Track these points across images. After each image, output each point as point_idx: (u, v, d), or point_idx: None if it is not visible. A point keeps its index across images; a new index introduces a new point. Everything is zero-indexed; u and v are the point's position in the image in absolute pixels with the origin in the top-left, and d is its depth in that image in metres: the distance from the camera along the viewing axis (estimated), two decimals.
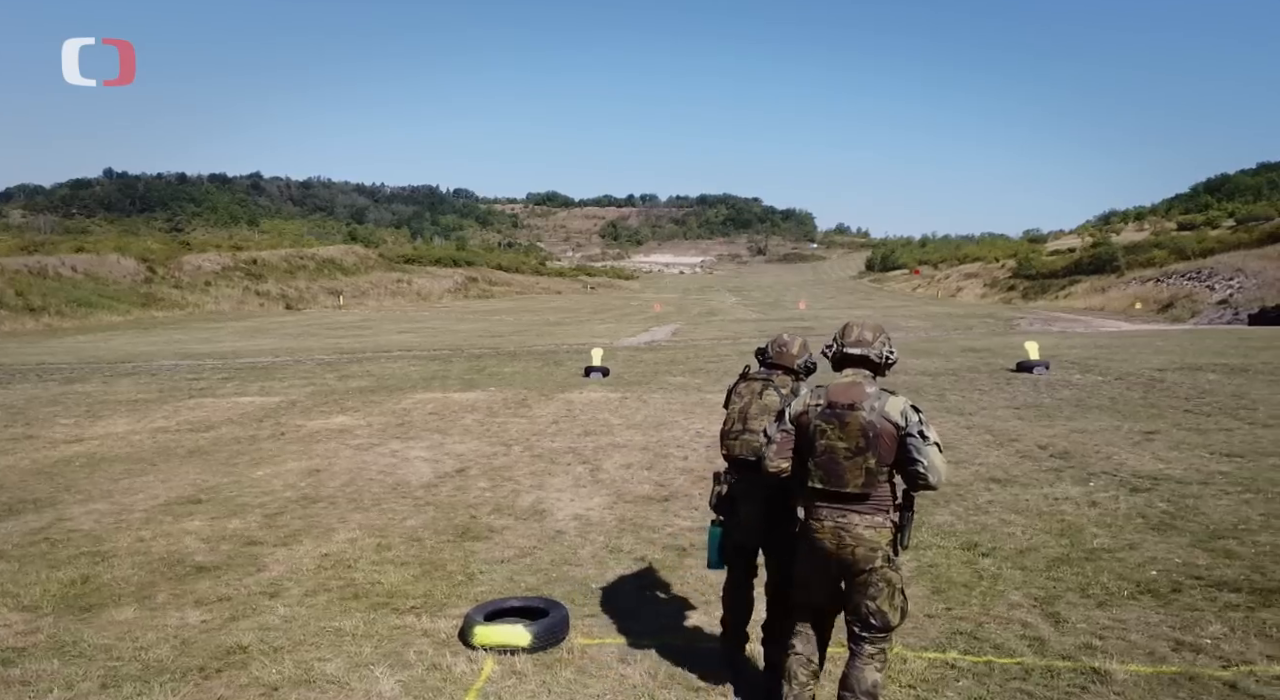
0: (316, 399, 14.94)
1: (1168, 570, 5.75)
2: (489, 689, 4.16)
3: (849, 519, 3.45)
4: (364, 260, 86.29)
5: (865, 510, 3.44)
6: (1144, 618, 4.96)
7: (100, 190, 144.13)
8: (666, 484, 8.53)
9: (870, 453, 3.39)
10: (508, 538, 6.73)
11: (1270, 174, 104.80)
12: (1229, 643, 4.60)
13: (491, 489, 8.34)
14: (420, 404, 14.11)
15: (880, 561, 3.44)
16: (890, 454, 3.40)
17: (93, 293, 50.46)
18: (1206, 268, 51.93)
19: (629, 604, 5.33)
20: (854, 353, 3.63)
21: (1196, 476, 8.27)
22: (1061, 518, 7.05)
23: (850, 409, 3.44)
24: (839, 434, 3.43)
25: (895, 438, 3.39)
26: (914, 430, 3.36)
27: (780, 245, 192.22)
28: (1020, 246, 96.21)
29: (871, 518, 3.44)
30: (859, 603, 3.50)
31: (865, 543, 3.43)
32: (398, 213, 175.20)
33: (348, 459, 9.72)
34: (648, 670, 4.35)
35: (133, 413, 13.45)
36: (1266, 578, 5.55)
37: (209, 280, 62.56)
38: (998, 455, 9.56)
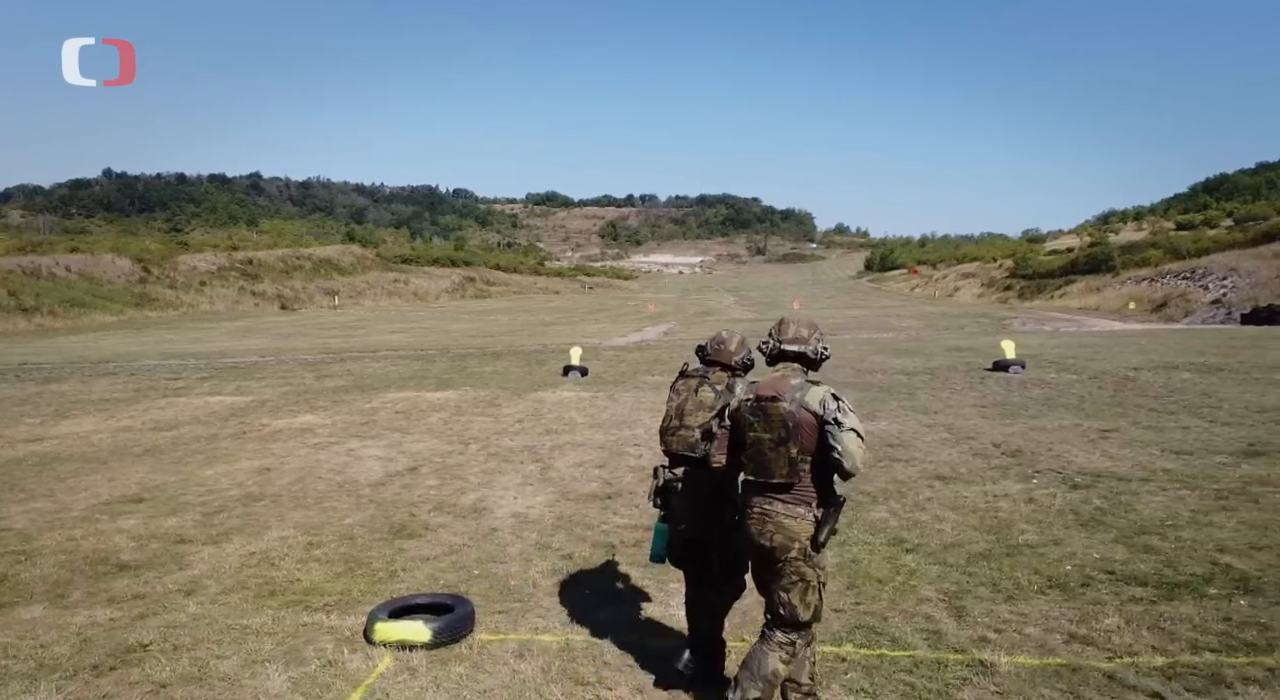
0: (288, 398, 14.97)
1: (1083, 565, 5.79)
2: (380, 685, 4.18)
3: (773, 507, 3.52)
4: (361, 260, 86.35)
5: (789, 500, 3.50)
6: (1046, 611, 5.01)
7: (99, 190, 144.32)
8: (614, 482, 8.56)
9: (792, 442, 3.45)
10: (441, 535, 6.76)
11: (1269, 174, 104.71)
12: (1121, 635, 4.64)
13: (438, 487, 8.36)
14: (390, 403, 14.14)
15: (796, 553, 3.48)
16: (812, 443, 3.46)
17: (86, 293, 50.54)
18: (1200, 267, 51.92)
19: (543, 600, 5.36)
20: (791, 349, 3.70)
21: (1140, 474, 8.29)
22: (995, 514, 7.07)
23: (773, 401, 3.51)
24: (764, 426, 3.50)
25: (815, 426, 3.44)
26: (831, 418, 3.41)
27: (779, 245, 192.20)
28: (1019, 246, 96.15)
29: (794, 508, 3.49)
30: (773, 592, 3.56)
31: (785, 531, 3.48)
32: (397, 213, 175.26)
33: (302, 458, 9.74)
34: (542, 666, 4.38)
35: (101, 412, 13.48)
36: (1177, 572, 5.60)
37: (204, 280, 62.64)
38: (950, 453, 9.57)
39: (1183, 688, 4.07)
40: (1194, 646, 4.50)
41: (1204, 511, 6.93)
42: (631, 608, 5.23)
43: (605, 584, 5.66)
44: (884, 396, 14.17)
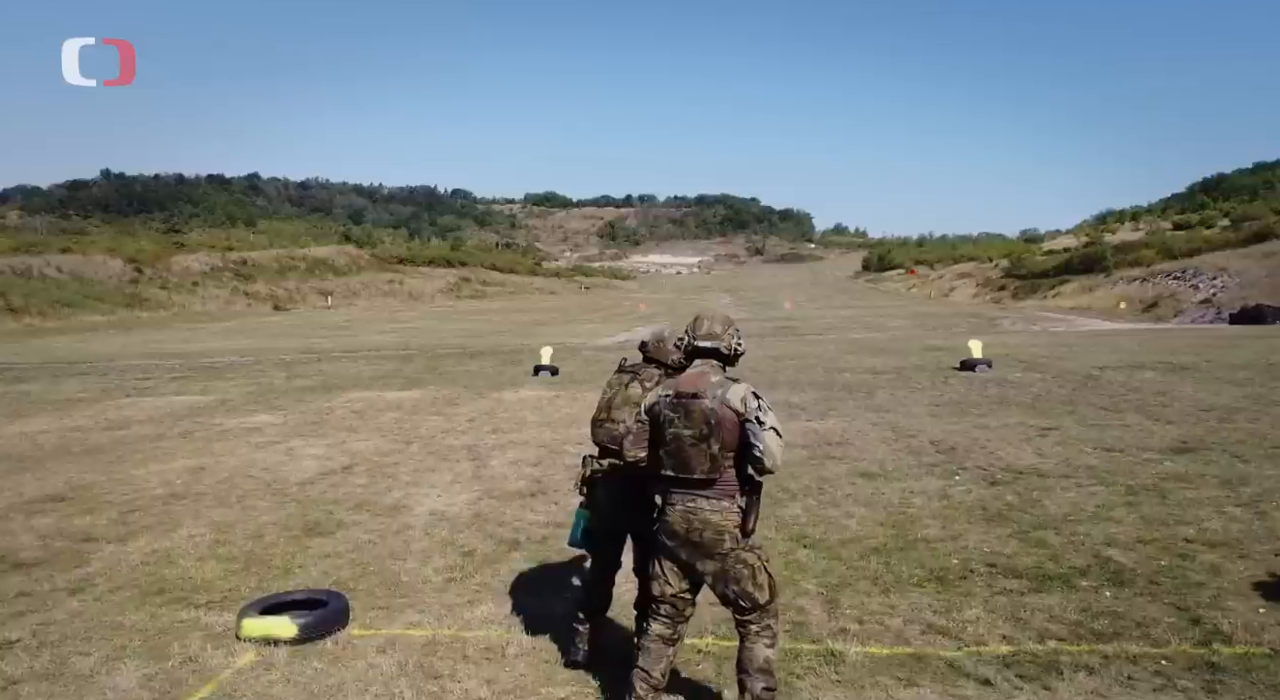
0: (250, 398, 15.02)
1: (969, 559, 5.87)
2: (233, 680, 4.22)
3: (697, 503, 3.55)
4: (356, 261, 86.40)
5: (712, 495, 3.54)
6: (915, 603, 5.09)
7: (97, 191, 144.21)
8: (543, 480, 8.60)
9: (714, 439, 3.48)
10: (350, 533, 6.80)
11: (1266, 174, 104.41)
12: (977, 626, 4.72)
13: (366, 486, 8.40)
14: (349, 403, 14.18)
15: (730, 543, 3.53)
16: (733, 440, 3.49)
17: (77, 293, 50.60)
18: (1191, 267, 51.97)
19: (428, 596, 5.40)
20: (704, 345, 3.72)
21: (1062, 470, 8.35)
22: (905, 510, 7.13)
23: (694, 398, 3.55)
24: (684, 422, 3.54)
25: (736, 424, 3.48)
26: (751, 416, 3.45)
27: (778, 245, 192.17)
28: (1015, 246, 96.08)
29: (718, 502, 3.54)
30: (724, 592, 3.60)
31: (712, 526, 3.52)
32: (396, 213, 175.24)
33: (240, 457, 9.79)
34: (400, 661, 4.42)
35: (57, 412, 13.53)
36: (1058, 565, 5.69)
37: (197, 281, 62.71)
38: (885, 451, 9.61)
39: (1015, 675, 4.15)
40: (1043, 636, 4.58)
41: (1109, 507, 6.99)
42: (513, 602, 5.27)
43: (495, 579, 5.71)
44: (843, 395, 14.20)
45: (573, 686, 4.14)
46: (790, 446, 9.79)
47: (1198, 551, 5.84)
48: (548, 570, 5.90)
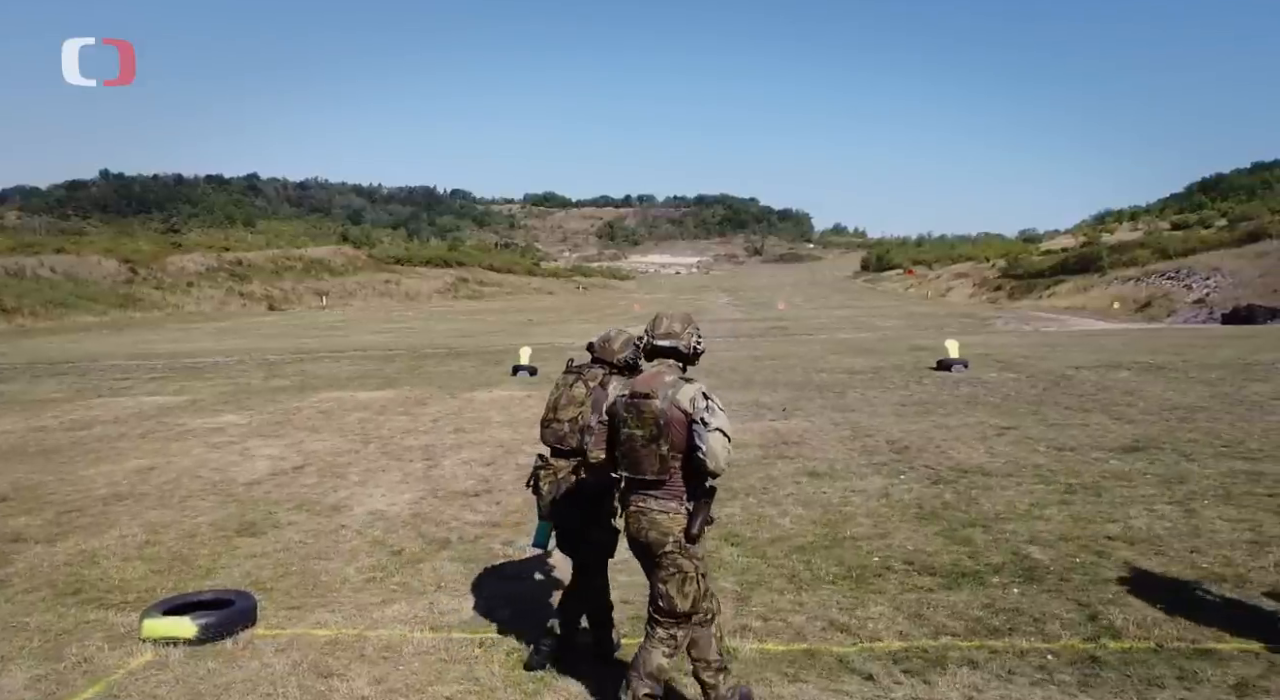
0: (222, 398, 15.03)
1: (890, 556, 5.89)
2: (123, 681, 4.22)
3: (648, 504, 3.57)
4: (352, 261, 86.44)
5: (661, 496, 3.55)
6: (825, 600, 5.11)
7: (96, 191, 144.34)
8: (491, 480, 8.60)
9: (664, 440, 3.48)
10: (284, 533, 6.81)
11: (1264, 173, 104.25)
12: (878, 623, 4.75)
13: (313, 486, 8.41)
14: (319, 403, 14.18)
15: (671, 546, 3.52)
16: (682, 440, 3.49)
17: (70, 294, 50.65)
18: (1185, 267, 51.94)
19: (345, 596, 5.42)
20: (663, 344, 3.72)
21: (1008, 469, 8.36)
22: (842, 509, 7.15)
23: (646, 398, 3.55)
24: (636, 422, 3.54)
25: (685, 424, 3.48)
26: (698, 417, 3.44)
27: (777, 245, 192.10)
28: (1013, 247, 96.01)
29: (666, 503, 3.54)
30: (653, 585, 3.63)
31: (658, 527, 3.53)
32: (395, 213, 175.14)
33: (192, 457, 9.80)
34: (294, 661, 4.42)
35: (25, 412, 13.55)
36: (975, 562, 5.72)
37: (192, 281, 62.73)
38: (840, 450, 9.60)
39: (900, 670, 4.18)
40: (939, 632, 4.61)
41: (1042, 505, 7.01)
42: (427, 602, 5.27)
43: (416, 579, 5.72)
44: (814, 395, 14.20)
45: (460, 685, 4.14)
46: (746, 446, 9.92)
47: (1116, 549, 5.86)
48: (472, 569, 5.90)
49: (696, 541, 3.53)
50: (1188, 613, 4.73)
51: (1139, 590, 5.09)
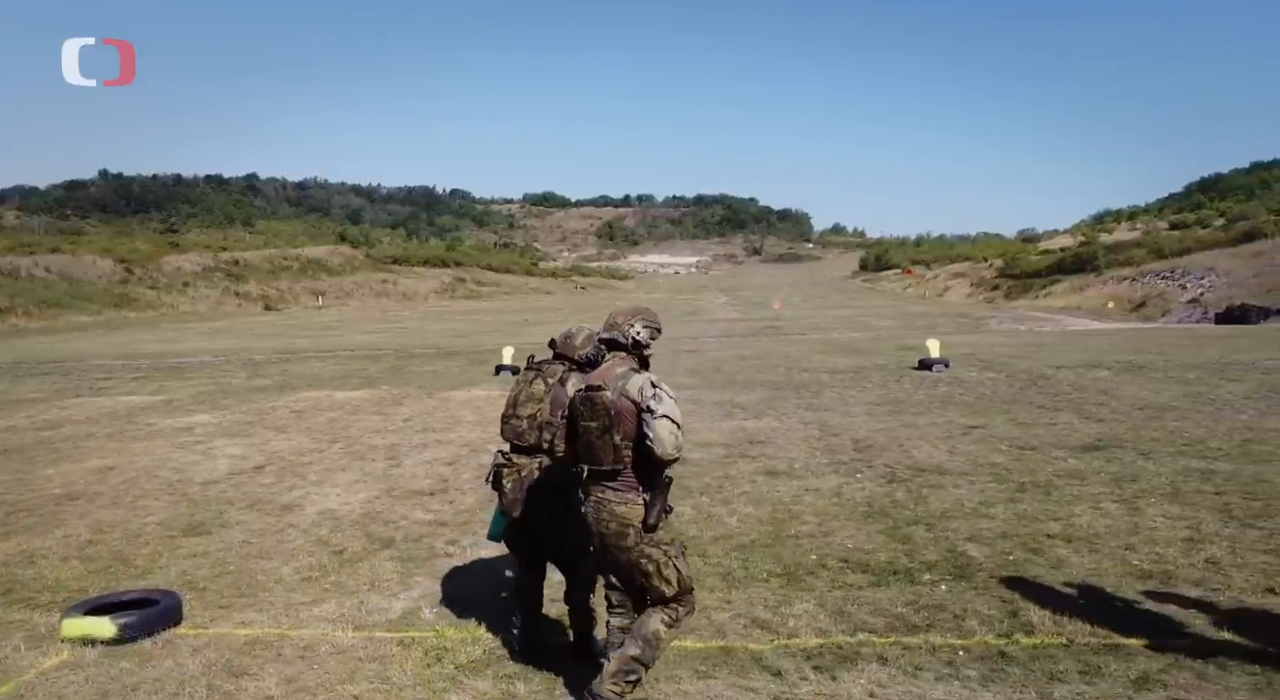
0: (198, 398, 15.02)
1: (828, 555, 5.89)
2: (35, 681, 4.21)
3: (605, 495, 3.63)
4: (350, 261, 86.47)
5: (618, 486, 3.61)
6: (753, 598, 5.11)
7: (95, 191, 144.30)
8: (451, 479, 8.59)
9: (615, 430, 3.55)
10: (231, 533, 6.80)
11: (1262, 173, 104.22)
12: (800, 620, 4.76)
13: (269, 486, 8.40)
14: (294, 403, 14.18)
15: (633, 538, 3.58)
16: (633, 430, 3.55)
17: (64, 294, 50.70)
18: (1180, 267, 51.91)
19: (277, 595, 5.41)
20: (607, 336, 3.81)
21: (965, 468, 8.35)
22: (792, 508, 7.14)
23: (598, 391, 3.62)
24: (590, 415, 3.61)
25: (635, 414, 3.54)
26: (645, 405, 3.50)
27: (776, 245, 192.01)
28: (1012, 246, 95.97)
29: (623, 494, 3.60)
30: (635, 582, 3.66)
31: (617, 518, 3.59)
32: (394, 213, 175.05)
33: (154, 457, 9.79)
34: (211, 660, 4.41)
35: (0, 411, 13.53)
36: (911, 560, 5.72)
37: (187, 281, 62.75)
38: (803, 449, 9.59)
39: (811, 667, 4.18)
40: (858, 629, 4.62)
41: (990, 503, 7.00)
42: (357, 601, 5.26)
43: (352, 578, 5.70)
44: (789, 394, 14.19)
45: (370, 684, 4.12)
46: (711, 445, 9.91)
47: (1053, 546, 5.85)
48: (410, 569, 5.89)
49: (654, 530, 3.58)
50: (1105, 609, 4.75)
51: (1063, 587, 5.10)
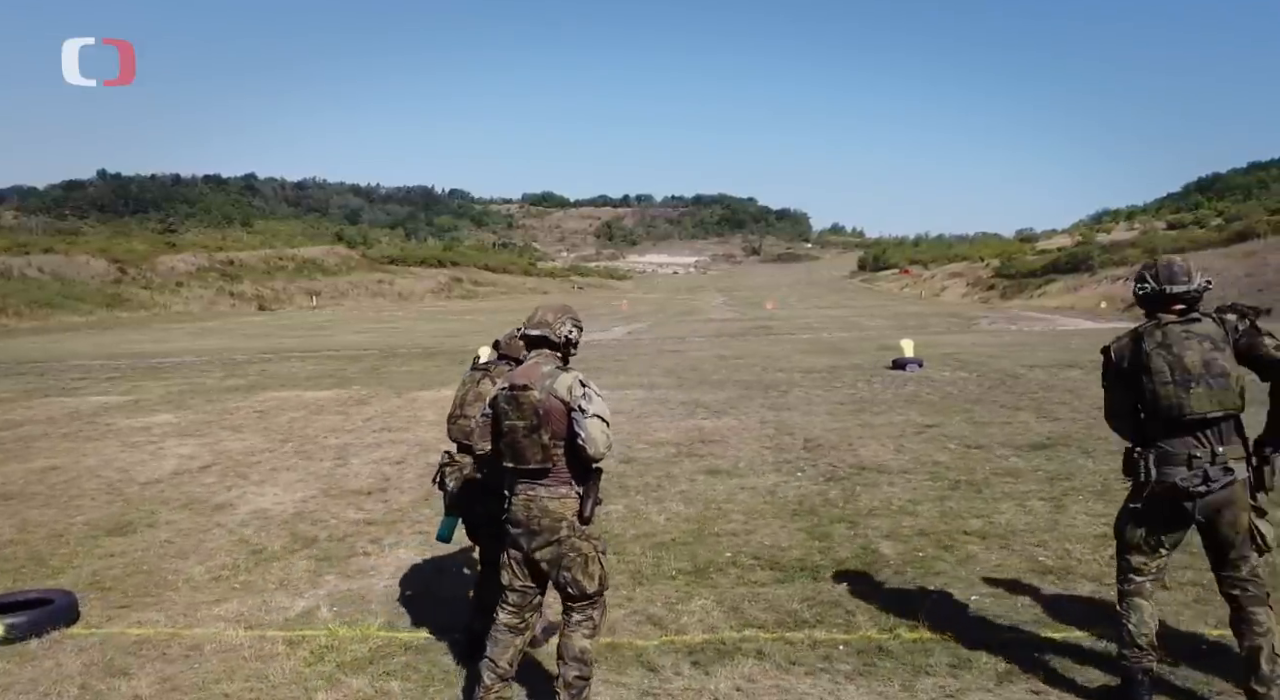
0: (166, 398, 15.00)
1: (743, 552, 5.91)
2: None
3: (536, 491, 3.61)
4: (346, 261, 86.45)
5: (549, 483, 3.60)
6: (654, 595, 5.13)
7: (93, 191, 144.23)
8: (394, 478, 8.59)
9: (544, 429, 3.53)
10: (156, 533, 6.80)
11: (1260, 173, 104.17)
12: (693, 616, 4.78)
13: (210, 485, 8.40)
14: (259, 403, 14.16)
15: (566, 530, 3.58)
16: (563, 428, 3.55)
17: (57, 294, 50.68)
18: None
19: (183, 595, 5.41)
20: (534, 334, 3.77)
21: (907, 466, 8.35)
22: (722, 505, 7.16)
23: (524, 389, 3.59)
24: (517, 414, 3.58)
25: (564, 413, 3.53)
26: (576, 404, 3.50)
27: (775, 245, 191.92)
28: (1009, 246, 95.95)
29: (556, 490, 3.59)
30: (557, 575, 3.65)
31: (550, 514, 3.58)
32: (393, 213, 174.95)
33: (102, 456, 9.79)
34: (91, 660, 4.41)
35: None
36: (823, 557, 5.73)
37: (181, 281, 62.73)
38: (751, 449, 9.57)
39: (689, 662, 4.21)
40: (747, 625, 4.63)
41: (918, 501, 7.01)
42: (259, 601, 5.26)
43: (263, 578, 5.69)
44: (757, 394, 14.16)
45: (246, 683, 4.11)
46: (663, 444, 9.89)
47: (967, 543, 5.87)
48: (324, 568, 5.88)
49: (589, 523, 3.62)
50: (995, 604, 4.78)
51: (961, 583, 5.13)
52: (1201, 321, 3.52)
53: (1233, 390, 3.42)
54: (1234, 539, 3.51)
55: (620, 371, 18.09)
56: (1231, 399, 3.42)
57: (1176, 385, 3.44)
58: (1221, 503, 3.48)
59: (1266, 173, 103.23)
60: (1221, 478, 3.44)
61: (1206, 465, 3.45)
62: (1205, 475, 3.44)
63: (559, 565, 3.61)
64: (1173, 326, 3.52)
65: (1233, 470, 3.45)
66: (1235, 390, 3.43)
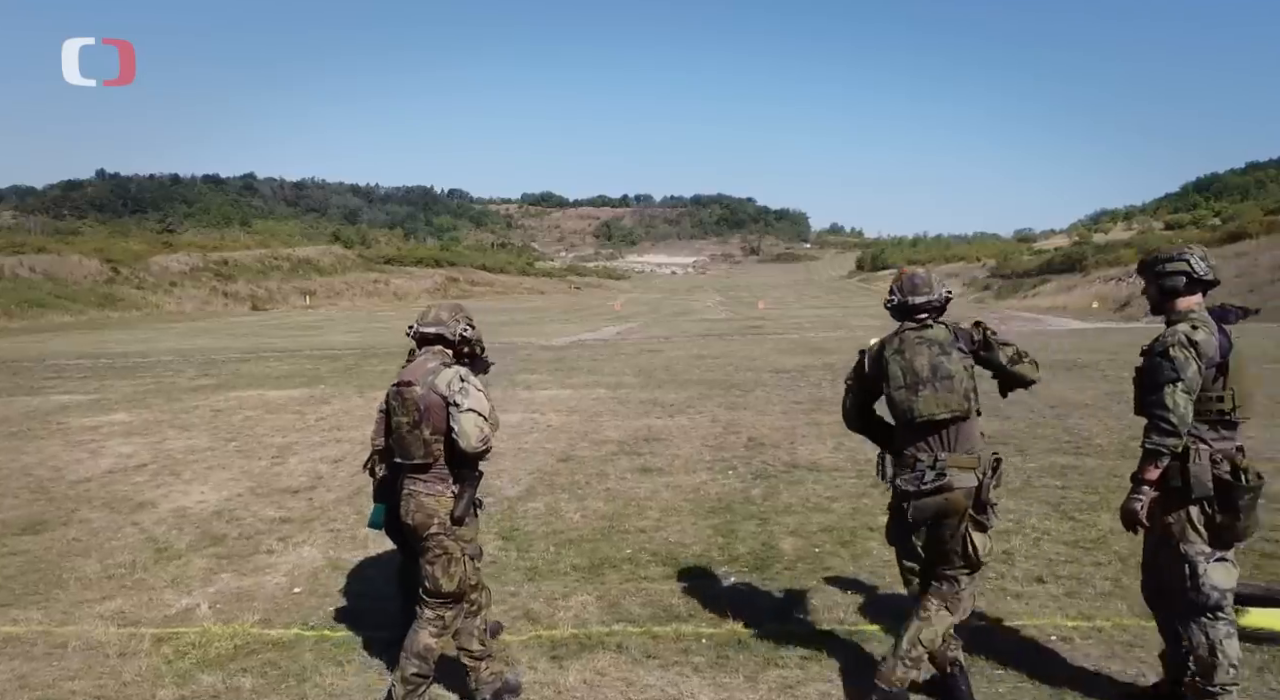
0: (128, 398, 14.98)
1: (644, 549, 5.91)
2: None
3: (416, 487, 3.65)
4: (341, 260, 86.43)
5: (428, 479, 3.63)
6: (541, 591, 5.15)
7: (92, 191, 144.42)
8: (326, 476, 8.56)
9: (425, 425, 3.57)
10: (68, 531, 6.80)
11: (1258, 173, 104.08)
12: (570, 612, 4.82)
13: (140, 483, 8.38)
14: (219, 402, 14.13)
15: (436, 528, 3.59)
16: (443, 424, 3.57)
17: (48, 294, 50.69)
18: None
19: (70, 593, 5.39)
20: (428, 331, 3.79)
21: (840, 464, 8.35)
22: (644, 502, 7.19)
23: (408, 386, 3.64)
24: (401, 409, 3.63)
25: (444, 408, 3.55)
26: (452, 399, 3.52)
27: (774, 245, 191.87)
28: (1007, 246, 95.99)
29: (433, 486, 3.62)
30: (421, 567, 3.68)
31: (424, 509, 3.61)
32: (392, 213, 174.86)
33: (40, 455, 9.77)
34: None
35: None
36: (723, 554, 5.74)
37: (175, 281, 62.74)
38: (694, 447, 9.55)
39: (547, 657, 4.24)
40: (619, 619, 4.67)
41: (835, 499, 7.02)
42: (147, 598, 5.24)
43: (156, 576, 5.68)
44: (719, 393, 14.14)
45: (98, 681, 4.09)
46: (606, 442, 9.84)
47: (868, 539, 5.87)
48: (221, 566, 5.85)
49: (462, 523, 3.62)
50: (866, 600, 4.83)
51: (846, 578, 5.16)
52: (933, 328, 3.58)
53: (957, 392, 3.45)
54: (948, 547, 3.56)
55: (592, 371, 18.07)
56: (956, 401, 3.45)
57: (908, 389, 3.50)
58: (936, 508, 3.51)
59: (1264, 173, 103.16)
60: (933, 482, 3.47)
61: (926, 468, 3.49)
62: (921, 478, 3.48)
63: (425, 558, 3.64)
64: (909, 334, 3.59)
65: (946, 476, 3.47)
66: (960, 392, 3.46)
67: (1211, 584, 3.30)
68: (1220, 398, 3.33)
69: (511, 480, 8.13)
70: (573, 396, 14.06)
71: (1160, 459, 3.29)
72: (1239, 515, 3.27)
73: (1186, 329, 3.34)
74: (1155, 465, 3.31)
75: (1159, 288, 3.58)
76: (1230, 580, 3.34)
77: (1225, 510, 3.27)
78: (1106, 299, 50.62)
